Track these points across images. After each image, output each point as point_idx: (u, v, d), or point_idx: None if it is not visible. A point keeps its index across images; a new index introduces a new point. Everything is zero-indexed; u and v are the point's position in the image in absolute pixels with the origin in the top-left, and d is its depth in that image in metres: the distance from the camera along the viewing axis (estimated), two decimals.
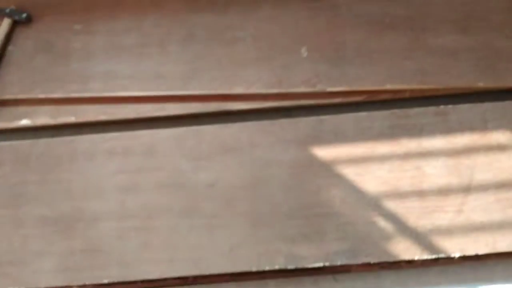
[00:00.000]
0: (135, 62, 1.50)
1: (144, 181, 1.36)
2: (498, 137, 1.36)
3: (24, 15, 1.59)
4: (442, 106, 1.40)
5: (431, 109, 1.40)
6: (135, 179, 1.36)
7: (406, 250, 1.27)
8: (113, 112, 1.45)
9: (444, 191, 1.32)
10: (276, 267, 1.26)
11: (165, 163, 1.38)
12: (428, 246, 1.27)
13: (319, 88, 1.45)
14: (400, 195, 1.32)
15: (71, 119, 1.45)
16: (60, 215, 1.33)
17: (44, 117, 1.45)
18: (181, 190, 1.35)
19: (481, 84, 1.43)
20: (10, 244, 1.31)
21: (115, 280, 1.27)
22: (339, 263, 1.26)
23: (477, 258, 1.27)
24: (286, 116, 1.44)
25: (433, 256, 1.26)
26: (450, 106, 1.40)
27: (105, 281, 1.27)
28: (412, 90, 1.44)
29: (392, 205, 1.31)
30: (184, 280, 1.28)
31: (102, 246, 1.30)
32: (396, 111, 1.41)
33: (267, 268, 1.26)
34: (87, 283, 1.27)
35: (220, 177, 1.36)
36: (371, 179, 1.34)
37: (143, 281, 1.28)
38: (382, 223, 1.30)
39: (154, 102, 1.46)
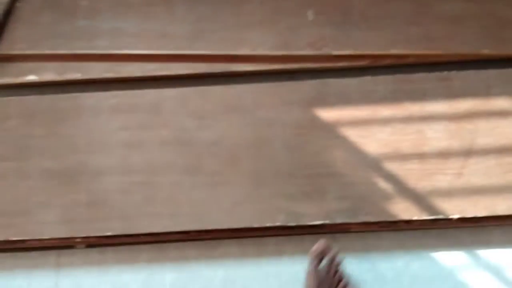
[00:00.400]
0: (141, 21, 1.50)
1: (148, 137, 1.37)
2: (501, 103, 1.37)
3: None
4: (445, 72, 1.41)
5: (435, 74, 1.41)
6: (139, 136, 1.38)
7: (405, 211, 1.28)
8: (118, 70, 1.46)
9: (445, 154, 1.33)
10: (277, 224, 1.28)
11: (169, 121, 1.39)
12: (427, 207, 1.29)
13: (324, 51, 1.45)
14: (401, 157, 1.33)
15: (77, 75, 1.46)
16: (64, 168, 1.35)
17: (50, 73, 1.46)
18: (185, 147, 1.36)
19: (485, 51, 1.43)
20: (15, 196, 1.33)
21: (118, 233, 1.29)
22: (339, 221, 1.27)
23: (475, 221, 1.29)
24: (290, 79, 1.45)
25: (432, 217, 1.28)
26: (453, 72, 1.41)
27: (108, 233, 1.29)
28: (416, 56, 1.44)
29: (392, 166, 1.32)
30: (186, 234, 1.30)
31: (105, 200, 1.32)
32: (400, 75, 1.41)
33: (268, 224, 1.28)
34: (90, 235, 1.30)
35: (223, 136, 1.37)
36: (373, 141, 1.35)
37: (145, 234, 1.30)
38: (383, 184, 1.31)
39: (160, 61, 1.46)
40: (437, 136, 1.35)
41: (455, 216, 1.28)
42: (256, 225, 1.28)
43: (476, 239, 1.32)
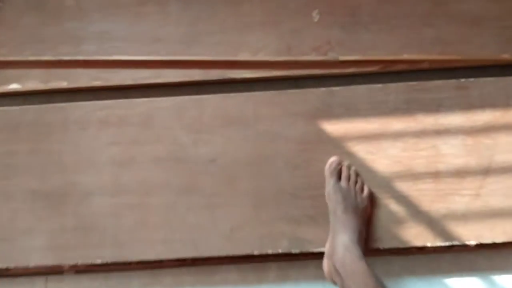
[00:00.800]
0: (132, 23, 1.38)
1: (140, 154, 1.28)
2: None
3: None
4: (462, 79, 1.30)
5: (451, 82, 1.30)
6: (130, 152, 1.28)
7: (417, 236, 1.20)
8: (107, 77, 1.36)
9: (461, 173, 1.23)
10: (279, 250, 1.20)
11: (163, 135, 1.29)
12: (441, 232, 1.20)
13: (330, 56, 1.34)
14: (414, 176, 1.24)
15: (63, 84, 1.35)
16: (50, 189, 1.26)
17: (34, 81, 1.36)
18: (180, 165, 1.27)
19: (505, 56, 1.33)
20: None
21: (109, 260, 1.21)
22: None
23: (492, 246, 1.20)
24: (294, 87, 1.35)
25: (447, 243, 1.19)
26: (471, 80, 1.30)
27: (98, 261, 1.21)
28: (431, 61, 1.33)
29: (404, 186, 1.23)
30: (181, 262, 1.22)
31: (95, 224, 1.23)
32: (413, 83, 1.31)
33: (269, 251, 1.20)
34: (79, 262, 1.21)
35: (222, 152, 1.27)
36: (383, 157, 1.25)
37: (138, 262, 1.21)
38: (393, 206, 1.22)
39: (152, 68, 1.36)
40: (453, 153, 1.25)
41: (472, 243, 1.19)
42: (256, 252, 1.20)
43: (492, 265, 1.23)
